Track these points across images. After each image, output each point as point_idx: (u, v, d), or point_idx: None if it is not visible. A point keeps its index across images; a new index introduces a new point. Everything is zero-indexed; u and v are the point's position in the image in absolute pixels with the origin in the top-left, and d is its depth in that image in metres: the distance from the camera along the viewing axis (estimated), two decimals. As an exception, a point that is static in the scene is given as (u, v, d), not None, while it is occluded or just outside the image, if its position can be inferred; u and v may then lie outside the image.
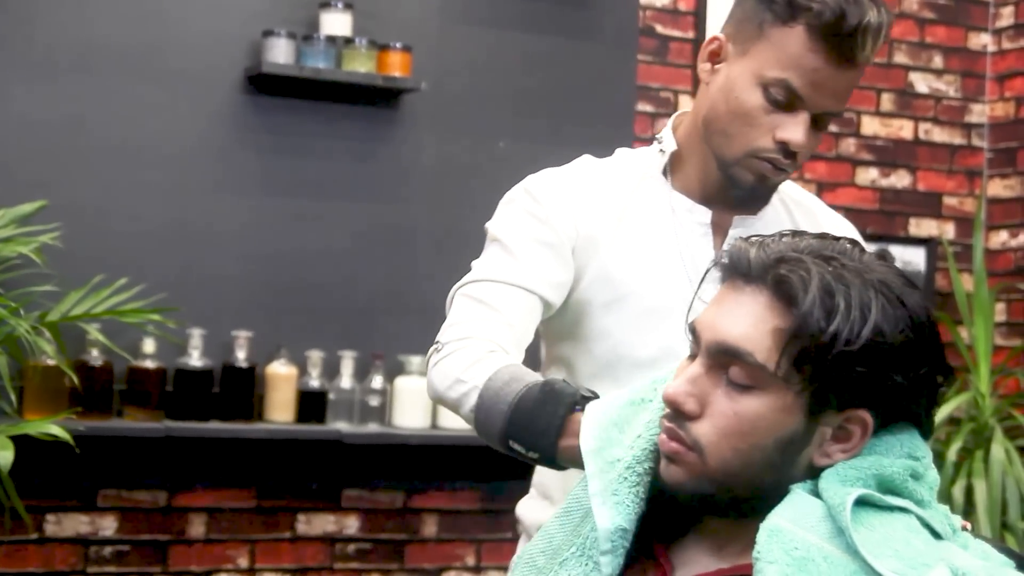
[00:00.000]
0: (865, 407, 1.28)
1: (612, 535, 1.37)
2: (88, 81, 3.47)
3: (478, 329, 1.84)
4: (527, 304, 1.87)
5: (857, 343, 1.25)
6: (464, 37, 3.83)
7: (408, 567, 3.76)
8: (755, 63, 1.79)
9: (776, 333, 1.27)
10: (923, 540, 1.26)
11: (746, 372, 1.28)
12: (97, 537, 3.48)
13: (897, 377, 1.27)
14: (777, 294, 1.27)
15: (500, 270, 1.90)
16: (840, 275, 1.26)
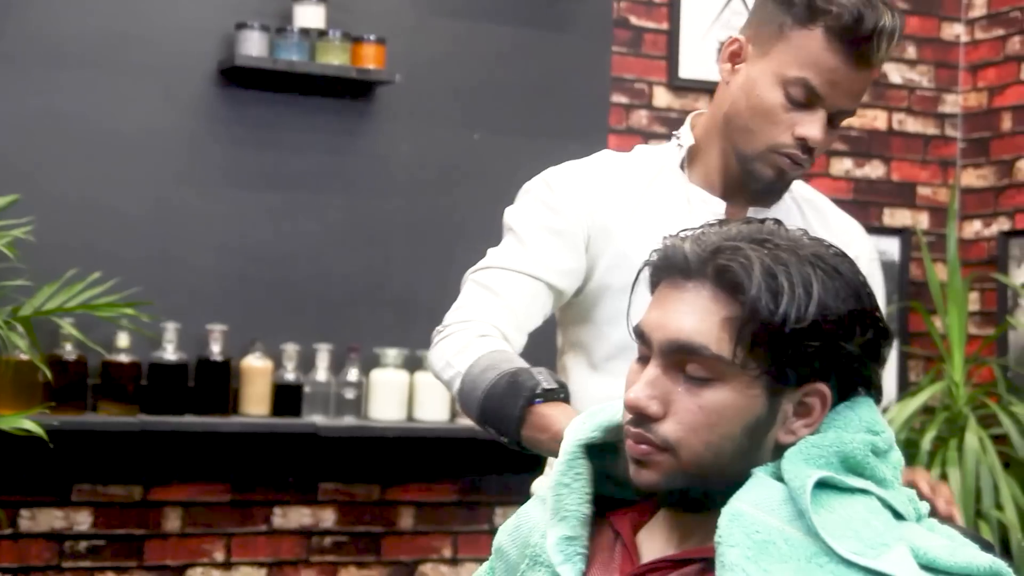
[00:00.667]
0: (821, 380, 1.31)
1: (559, 544, 1.39)
2: (60, 74, 3.47)
3: (477, 313, 1.96)
4: (531, 290, 1.98)
5: (806, 319, 1.28)
6: (438, 29, 3.83)
7: (385, 560, 3.77)
8: (775, 63, 1.88)
9: (726, 323, 1.29)
10: (883, 521, 1.28)
11: (704, 366, 1.30)
12: (72, 532, 3.48)
13: (847, 346, 1.31)
14: (720, 284, 1.30)
15: (508, 257, 2.02)
16: (777, 256, 1.30)
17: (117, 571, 3.52)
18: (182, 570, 3.59)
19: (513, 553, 1.46)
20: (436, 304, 3.96)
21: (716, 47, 4.13)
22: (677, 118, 4.10)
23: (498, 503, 3.84)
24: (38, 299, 3.27)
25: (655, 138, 4.08)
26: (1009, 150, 4.26)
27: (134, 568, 3.54)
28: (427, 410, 3.68)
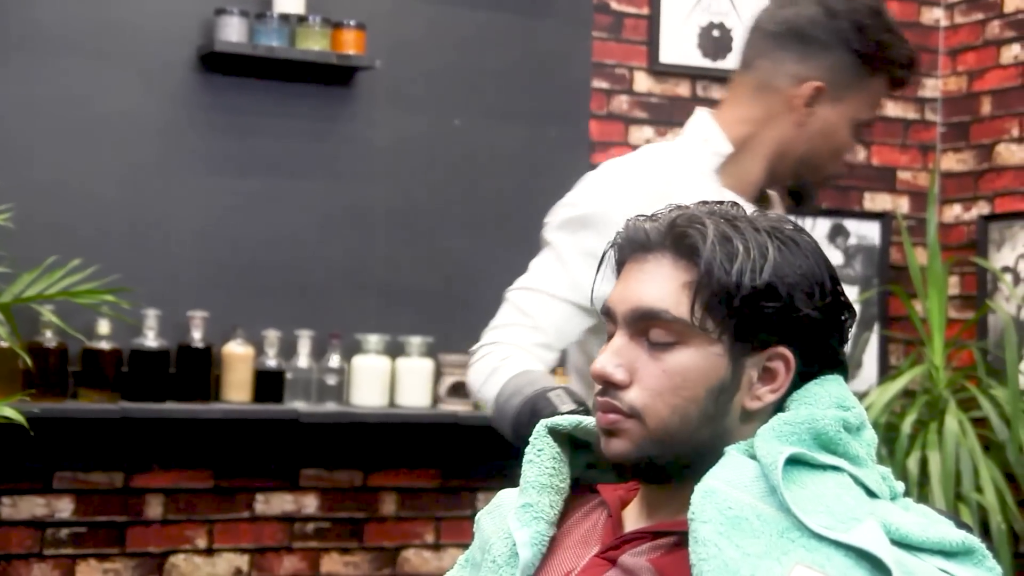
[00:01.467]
0: (783, 344, 1.35)
1: (517, 512, 1.43)
2: (38, 61, 3.47)
3: (506, 335, 2.11)
4: (565, 313, 2.10)
5: (761, 280, 1.32)
6: (418, 14, 3.84)
7: (367, 545, 3.79)
8: (852, 109, 2.11)
9: (686, 287, 1.33)
10: (854, 496, 1.30)
11: (666, 329, 1.34)
12: (53, 519, 3.49)
13: (804, 308, 1.34)
14: (679, 252, 1.35)
15: (545, 279, 2.14)
16: (734, 225, 1.35)
17: (99, 558, 3.53)
18: (164, 557, 3.59)
19: (489, 528, 1.49)
20: (418, 289, 4.01)
21: (697, 32, 4.16)
22: (658, 103, 4.12)
23: (480, 489, 3.86)
24: (18, 286, 3.26)
25: (636, 123, 4.10)
26: (989, 134, 4.28)
27: (116, 555, 3.55)
28: (409, 396, 3.69)
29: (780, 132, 2.13)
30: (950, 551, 1.31)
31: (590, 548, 1.39)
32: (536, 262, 2.17)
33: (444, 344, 3.77)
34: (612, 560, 1.35)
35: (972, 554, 1.32)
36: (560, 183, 3.96)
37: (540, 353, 2.05)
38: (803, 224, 1.46)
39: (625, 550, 1.35)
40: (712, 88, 4.19)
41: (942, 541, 1.30)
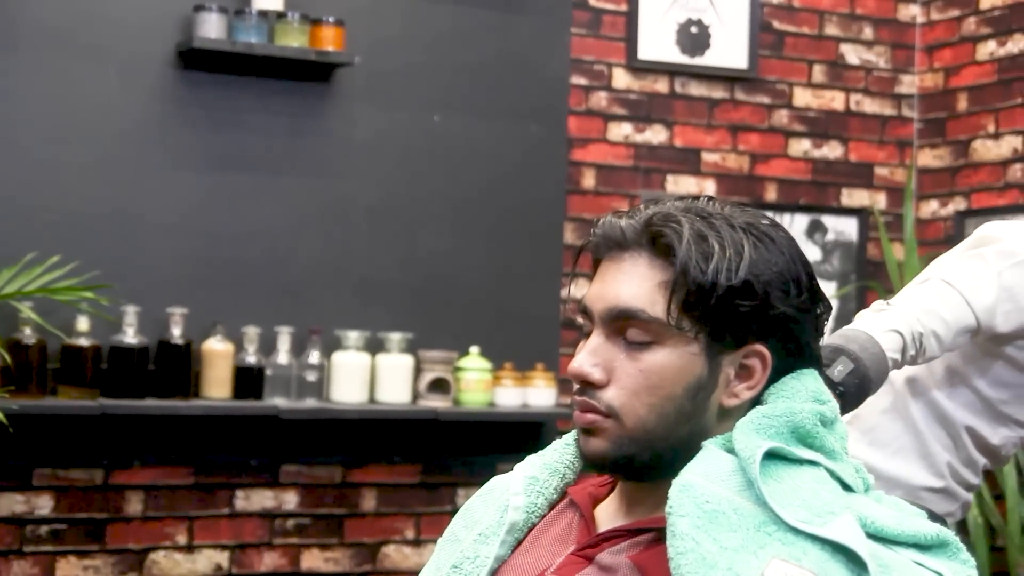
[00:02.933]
0: (759, 341, 1.35)
1: (525, 481, 1.45)
2: (16, 57, 3.46)
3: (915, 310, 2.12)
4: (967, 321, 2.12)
5: (737, 279, 1.31)
6: (397, 10, 3.84)
7: (347, 541, 3.79)
8: None
9: (662, 286, 1.33)
10: (830, 490, 1.30)
11: (642, 329, 1.34)
12: (33, 516, 3.48)
13: (780, 306, 1.34)
14: (655, 251, 1.34)
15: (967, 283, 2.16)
16: (709, 223, 1.34)
17: (79, 555, 3.53)
18: (144, 553, 3.59)
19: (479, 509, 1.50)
20: (398, 285, 4.02)
21: (675, 29, 4.17)
22: (636, 99, 4.14)
23: (460, 484, 3.86)
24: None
25: (614, 119, 4.11)
26: (965, 130, 4.30)
27: (96, 552, 3.54)
28: (388, 392, 3.70)
29: None
30: (924, 544, 1.31)
31: (566, 546, 1.39)
32: (962, 265, 2.18)
33: (424, 340, 3.78)
34: (589, 558, 1.35)
35: (946, 547, 1.33)
36: (539, 179, 4.02)
37: (932, 343, 2.07)
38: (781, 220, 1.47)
39: (603, 548, 1.35)
40: (690, 84, 4.20)
41: (916, 534, 1.31)
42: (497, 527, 1.43)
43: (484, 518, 1.46)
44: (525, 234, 3.96)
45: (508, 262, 3.94)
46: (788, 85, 4.32)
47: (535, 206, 3.98)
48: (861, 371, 1.95)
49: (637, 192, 4.10)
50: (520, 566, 1.40)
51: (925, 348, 2.04)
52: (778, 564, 1.23)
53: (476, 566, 1.41)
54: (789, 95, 4.33)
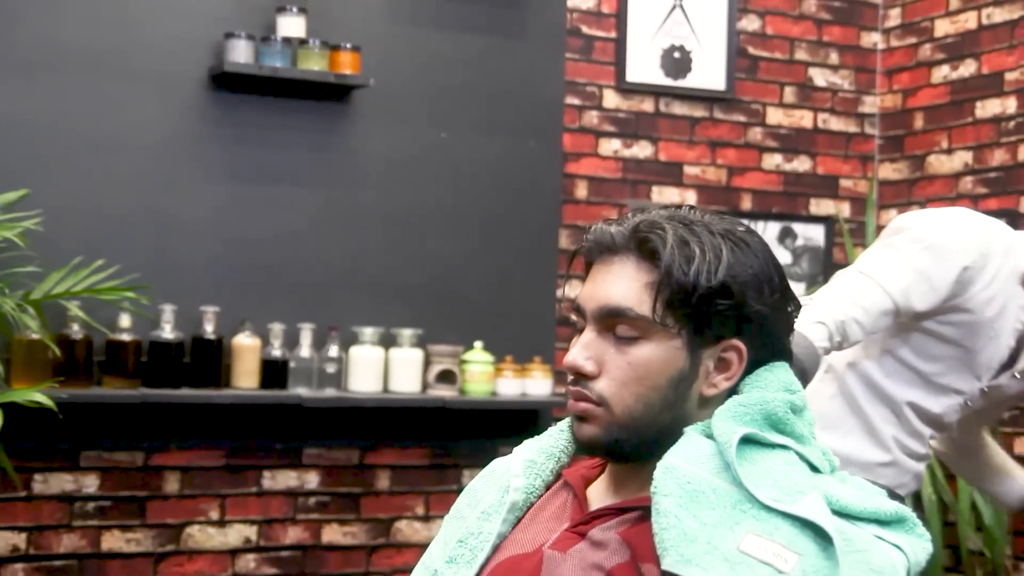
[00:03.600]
0: (736, 336, 1.35)
1: (524, 464, 1.46)
2: (65, 80, 3.46)
3: (836, 304, 2.12)
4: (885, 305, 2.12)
5: (716, 280, 1.32)
6: (409, 37, 3.84)
7: (364, 517, 3.79)
8: None
9: (648, 287, 1.33)
10: (800, 472, 1.31)
11: (630, 325, 1.34)
12: (81, 494, 3.49)
13: (755, 305, 1.34)
14: (641, 255, 1.35)
15: (881, 272, 2.15)
16: (691, 229, 1.34)
17: (122, 529, 3.53)
18: (181, 528, 3.60)
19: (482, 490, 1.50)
20: (408, 286, 4.03)
21: (659, 54, 4.17)
22: (624, 118, 4.14)
23: (465, 466, 3.87)
24: (47, 284, 3.27)
25: (604, 136, 4.11)
26: (921, 146, 4.31)
27: (137, 526, 3.55)
28: (401, 382, 3.70)
29: None
30: (884, 520, 1.32)
31: (561, 523, 1.39)
32: (877, 255, 2.17)
33: (433, 336, 3.78)
34: (582, 534, 1.35)
35: (904, 522, 1.33)
36: (536, 189, 4.02)
37: (854, 329, 2.07)
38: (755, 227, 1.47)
39: (595, 525, 1.36)
40: (673, 104, 4.21)
41: (877, 511, 1.31)
42: (499, 506, 1.44)
43: (487, 497, 1.46)
44: (524, 239, 3.97)
45: (508, 265, 3.94)
46: (762, 105, 4.32)
47: (533, 214, 3.98)
48: (797, 364, 1.96)
49: (625, 202, 4.10)
50: (520, 541, 1.41)
51: (848, 334, 2.04)
52: (752, 538, 1.24)
53: (480, 541, 1.42)
54: (763, 114, 4.33)
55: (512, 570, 1.37)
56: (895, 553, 1.29)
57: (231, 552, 3.64)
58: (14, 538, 3.42)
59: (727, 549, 1.23)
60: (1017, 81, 4.00)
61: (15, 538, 3.42)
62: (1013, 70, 4.02)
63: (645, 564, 1.28)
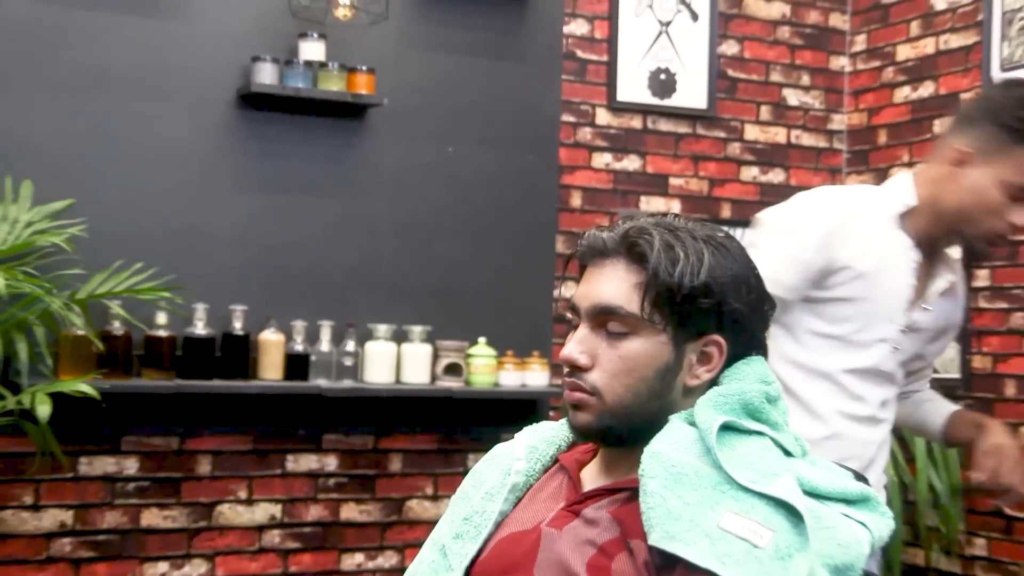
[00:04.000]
0: (717, 332, 1.36)
1: (526, 450, 1.47)
2: (108, 100, 3.47)
3: None
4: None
5: (698, 281, 1.32)
6: (419, 61, 3.85)
7: (378, 497, 3.79)
8: (997, 172, 2.04)
9: (637, 287, 1.34)
10: (774, 456, 1.32)
11: (621, 322, 1.35)
12: (122, 475, 3.49)
13: (734, 303, 1.35)
14: (631, 258, 1.35)
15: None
16: (676, 235, 1.35)
17: (159, 507, 3.53)
18: (212, 506, 3.60)
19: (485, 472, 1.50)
20: (418, 287, 4.03)
21: (647, 76, 4.17)
22: (615, 134, 4.14)
23: (470, 450, 3.87)
24: (91, 285, 3.28)
25: (597, 151, 4.11)
26: (885, 160, 4.31)
27: (173, 504, 3.55)
28: (412, 374, 3.70)
29: (941, 190, 2.11)
30: (851, 499, 1.32)
31: (558, 503, 1.40)
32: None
33: (440, 332, 3.78)
34: (576, 512, 1.36)
35: (868, 502, 1.33)
36: (535, 199, 4.03)
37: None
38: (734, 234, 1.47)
39: (588, 504, 1.36)
40: (659, 122, 4.21)
41: (844, 491, 1.32)
42: (501, 487, 1.44)
43: (490, 479, 1.47)
44: (523, 244, 3.97)
45: (509, 267, 3.94)
46: (740, 122, 4.33)
47: (531, 221, 3.99)
48: None
49: (616, 210, 4.11)
50: (520, 519, 1.41)
51: None
52: (731, 516, 1.25)
53: (484, 519, 1.42)
54: (741, 130, 4.33)
55: (513, 545, 1.37)
56: (860, 529, 1.29)
57: (258, 528, 3.65)
58: (62, 515, 3.43)
59: (708, 526, 1.24)
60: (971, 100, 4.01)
61: (63, 515, 3.43)
62: (967, 91, 4.02)
63: (633, 540, 1.29)
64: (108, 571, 3.46)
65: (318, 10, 3.61)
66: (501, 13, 3.93)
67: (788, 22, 4.40)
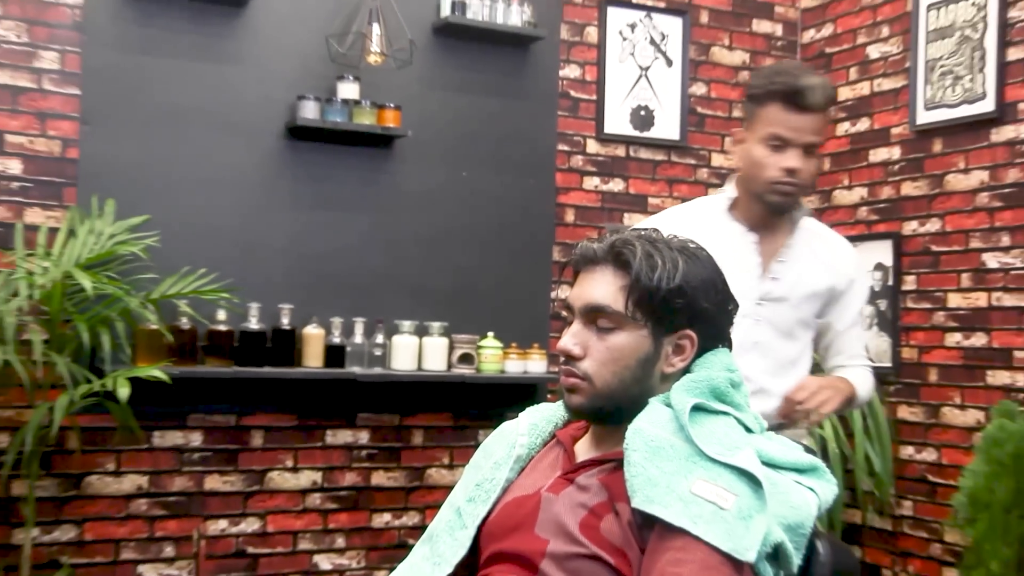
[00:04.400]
0: (690, 328, 1.36)
1: (528, 427, 1.47)
2: (178, 131, 3.47)
3: None
4: None
5: (674, 284, 1.34)
6: (438, 99, 3.84)
7: (403, 466, 3.79)
8: (755, 132, 2.04)
9: (622, 289, 1.35)
10: (738, 433, 1.32)
11: (608, 319, 1.35)
12: (188, 447, 3.49)
13: (704, 303, 1.36)
14: (617, 264, 1.36)
15: None
16: (655, 246, 1.36)
17: (220, 473, 3.53)
18: (264, 473, 3.60)
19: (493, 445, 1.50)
20: (437, 289, 4.03)
21: (629, 112, 4.17)
22: (603, 160, 4.14)
23: (480, 427, 3.86)
24: (163, 287, 3.28)
25: (587, 175, 4.11)
26: (829, 183, 4.29)
27: (231, 471, 3.55)
28: (431, 363, 3.70)
29: (740, 172, 2.12)
30: (802, 468, 1.33)
31: (555, 472, 1.40)
32: None
33: (455, 327, 3.78)
34: (571, 480, 1.37)
35: (817, 470, 1.34)
36: (535, 215, 4.03)
37: None
38: None
39: (580, 473, 1.37)
40: (640, 150, 4.21)
41: (797, 462, 1.33)
42: (507, 458, 1.44)
43: (498, 451, 1.47)
44: (525, 253, 3.97)
45: (513, 273, 3.94)
46: (708, 151, 4.32)
47: (532, 234, 3.99)
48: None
49: (603, 225, 4.10)
50: (523, 485, 1.42)
51: None
52: (701, 483, 1.25)
53: (492, 485, 1.43)
54: (708, 158, 4.33)
55: (517, 507, 1.38)
56: (809, 494, 1.30)
57: (302, 492, 3.65)
58: (139, 479, 3.43)
59: (682, 491, 1.25)
60: (900, 134, 4.01)
61: (140, 479, 3.43)
62: (897, 126, 4.02)
63: (619, 503, 1.29)
64: (177, 527, 3.47)
65: (353, 56, 3.61)
66: (507, 59, 3.93)
67: (747, 67, 4.40)
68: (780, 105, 2.00)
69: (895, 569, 3.89)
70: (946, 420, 3.77)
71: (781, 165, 2.00)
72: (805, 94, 1.99)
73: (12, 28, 3.29)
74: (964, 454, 3.64)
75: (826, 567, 1.32)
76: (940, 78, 3.84)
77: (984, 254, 3.67)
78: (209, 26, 3.50)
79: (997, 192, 3.65)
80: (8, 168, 3.29)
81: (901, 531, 3.89)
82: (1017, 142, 3.59)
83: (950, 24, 3.80)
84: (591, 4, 4.11)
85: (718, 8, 4.34)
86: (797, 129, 1.99)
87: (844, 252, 2.22)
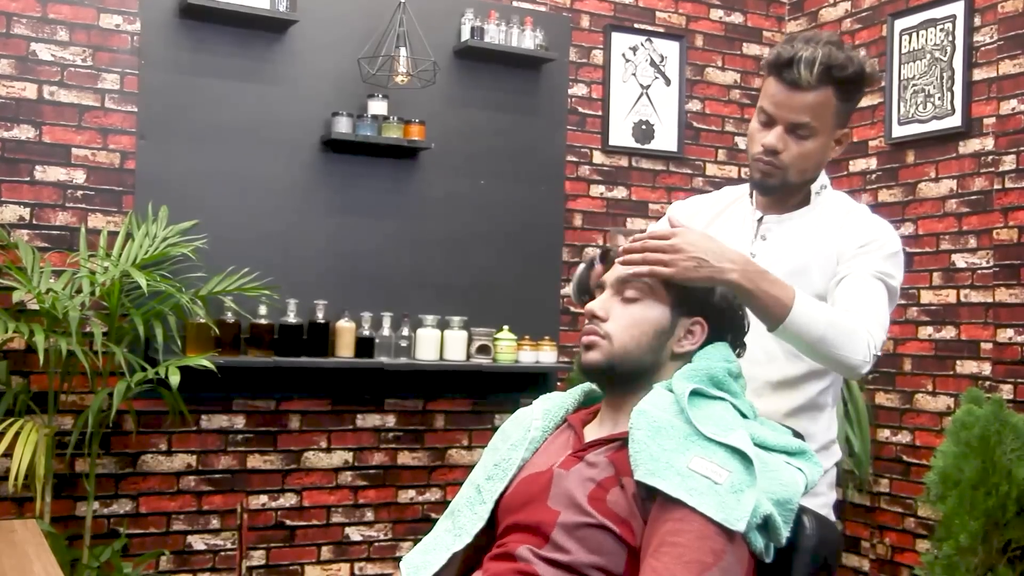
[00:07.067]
0: (703, 316, 1.38)
1: (543, 412, 1.48)
2: (224, 144, 3.48)
3: None
4: None
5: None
6: (459, 115, 3.84)
7: (426, 447, 3.79)
8: (758, 105, 1.73)
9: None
10: (732, 416, 1.32)
11: (635, 290, 1.38)
12: (232, 429, 3.50)
13: (716, 296, 1.39)
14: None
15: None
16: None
17: (260, 453, 3.54)
18: (300, 452, 3.60)
19: (510, 428, 1.51)
20: (458, 287, 4.03)
21: (631, 126, 4.17)
22: (608, 170, 4.13)
23: (497, 412, 3.86)
24: (210, 284, 3.30)
25: (594, 183, 4.11)
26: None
27: (271, 451, 3.56)
28: (452, 353, 3.70)
29: None
30: (790, 451, 1.33)
31: (566, 451, 1.41)
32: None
33: (474, 321, 3.78)
34: (580, 457, 1.37)
35: (804, 453, 1.34)
36: (546, 220, 4.03)
37: None
38: None
39: (589, 451, 1.37)
40: (641, 161, 4.20)
41: (786, 445, 1.33)
42: (523, 440, 1.45)
43: (514, 434, 1.48)
44: (537, 255, 3.97)
45: (527, 272, 3.94)
46: (703, 162, 4.31)
47: (544, 237, 3.98)
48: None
49: (608, 228, 4.10)
50: (537, 464, 1.43)
51: None
52: (698, 460, 1.26)
53: (509, 464, 1.43)
54: (704, 168, 4.31)
55: (531, 483, 1.38)
56: (797, 473, 1.30)
57: (335, 470, 3.65)
58: (188, 458, 3.44)
59: (680, 467, 1.25)
60: (876, 146, 3.99)
61: (189, 458, 3.44)
62: (874, 139, 4.00)
63: (624, 478, 1.29)
64: (222, 501, 3.48)
65: (382, 77, 3.62)
66: (521, 79, 3.93)
67: (739, 86, 4.38)
68: (772, 77, 1.68)
69: (873, 541, 3.88)
70: (919, 406, 3.75)
71: (763, 141, 1.69)
72: (790, 68, 1.63)
73: (79, 53, 3.31)
74: (935, 436, 3.63)
75: (812, 539, 1.32)
76: (913, 96, 3.83)
77: (953, 255, 3.66)
78: (253, 50, 3.51)
79: (964, 199, 3.63)
80: (74, 178, 3.31)
81: (879, 506, 3.87)
82: (982, 154, 3.58)
83: (921, 47, 3.79)
84: (597, 29, 4.11)
85: (712, 33, 4.33)
86: (781, 105, 1.65)
87: (853, 225, 1.85)
